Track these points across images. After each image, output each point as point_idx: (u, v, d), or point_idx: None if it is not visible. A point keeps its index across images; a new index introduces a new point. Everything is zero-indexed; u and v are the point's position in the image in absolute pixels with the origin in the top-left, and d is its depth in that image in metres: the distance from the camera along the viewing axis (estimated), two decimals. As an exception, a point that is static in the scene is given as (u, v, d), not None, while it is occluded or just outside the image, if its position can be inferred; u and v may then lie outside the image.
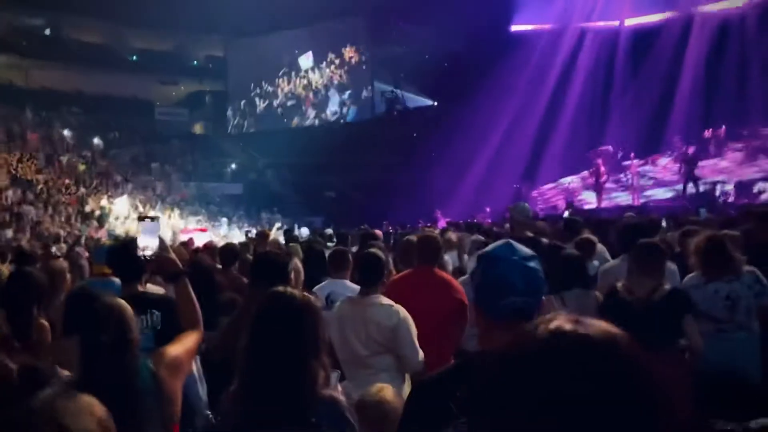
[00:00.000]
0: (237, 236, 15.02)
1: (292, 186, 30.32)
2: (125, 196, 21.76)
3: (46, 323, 3.67)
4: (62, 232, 18.00)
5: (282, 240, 9.41)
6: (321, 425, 1.92)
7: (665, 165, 21.32)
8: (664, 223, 8.10)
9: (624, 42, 23.88)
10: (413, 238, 4.77)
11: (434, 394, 1.64)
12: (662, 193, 19.46)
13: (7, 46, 29.10)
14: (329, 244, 7.66)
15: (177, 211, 23.47)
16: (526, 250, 1.67)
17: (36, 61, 30.65)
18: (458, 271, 5.74)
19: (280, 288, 2.31)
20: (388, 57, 27.47)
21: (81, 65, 31.21)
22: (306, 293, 2.38)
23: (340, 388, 3.61)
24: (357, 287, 4.20)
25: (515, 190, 21.39)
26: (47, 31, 32.04)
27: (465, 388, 1.51)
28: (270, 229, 13.21)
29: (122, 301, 2.42)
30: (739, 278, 4.03)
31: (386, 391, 2.72)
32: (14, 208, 18.40)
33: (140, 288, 3.51)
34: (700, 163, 18.50)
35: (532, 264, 1.64)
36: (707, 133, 20.23)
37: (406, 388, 3.43)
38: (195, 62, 37.30)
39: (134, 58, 35.11)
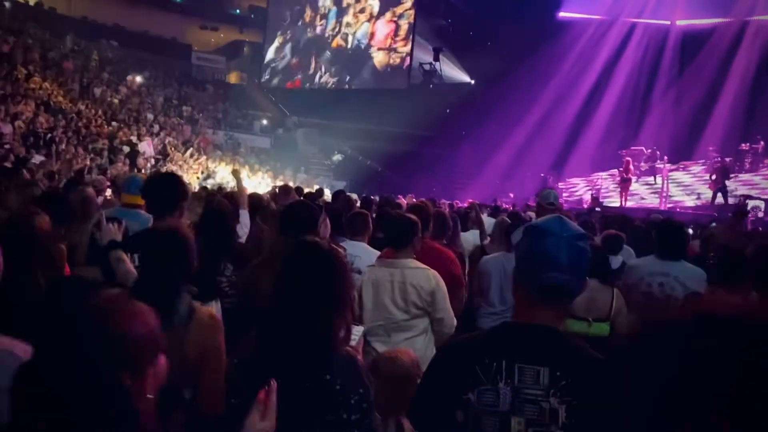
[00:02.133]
0: (262, 189, 15.07)
1: (320, 148, 30.25)
2: (149, 139, 21.71)
3: (63, 247, 3.62)
4: (89, 163, 18.12)
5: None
6: (334, 383, 1.89)
7: (697, 172, 20.99)
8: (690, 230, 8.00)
9: (672, 43, 23.38)
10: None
11: (462, 358, 1.63)
12: (690, 200, 19.16)
13: (53, -29, 29.12)
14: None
15: (204, 158, 23.56)
16: (576, 228, 1.64)
17: (81, -11, 30.70)
18: (480, 250, 5.67)
19: (310, 238, 2.29)
20: (431, 28, 27.05)
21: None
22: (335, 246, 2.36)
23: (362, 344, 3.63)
24: (374, 251, 4.18)
25: (541, 179, 21.15)
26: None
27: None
28: (293, 185, 13.20)
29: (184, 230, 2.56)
30: None
31: (402, 352, 2.73)
32: (45, 134, 18.54)
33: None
34: (733, 176, 18.17)
35: (580, 242, 1.61)
36: (744, 146, 19.81)
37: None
38: (237, 11, 37.11)
39: (178, -1, 35.08)
